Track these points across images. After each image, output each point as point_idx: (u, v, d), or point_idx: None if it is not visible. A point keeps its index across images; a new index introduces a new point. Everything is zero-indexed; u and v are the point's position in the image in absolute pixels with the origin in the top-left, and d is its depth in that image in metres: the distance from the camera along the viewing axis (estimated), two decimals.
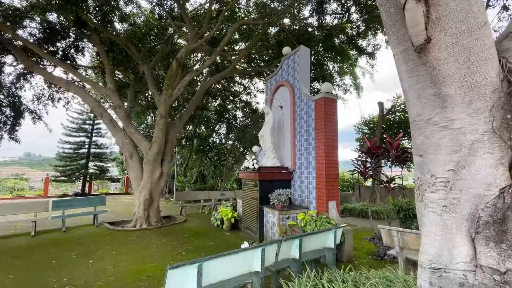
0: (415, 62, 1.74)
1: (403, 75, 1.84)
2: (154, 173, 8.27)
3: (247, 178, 7.01)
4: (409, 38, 1.73)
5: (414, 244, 3.78)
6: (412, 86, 1.79)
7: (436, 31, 1.58)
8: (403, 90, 1.92)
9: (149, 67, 10.35)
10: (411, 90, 1.81)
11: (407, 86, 1.83)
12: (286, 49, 7.65)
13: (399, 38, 1.80)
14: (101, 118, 9.12)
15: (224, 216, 7.39)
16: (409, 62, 1.78)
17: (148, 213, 8.00)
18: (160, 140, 8.42)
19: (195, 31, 9.80)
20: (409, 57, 1.77)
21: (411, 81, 1.79)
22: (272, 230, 6.02)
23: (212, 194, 10.87)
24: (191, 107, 10.21)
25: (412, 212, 4.69)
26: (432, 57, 1.62)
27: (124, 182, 21.70)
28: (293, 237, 3.31)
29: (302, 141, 6.52)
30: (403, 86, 1.88)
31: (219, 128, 18.78)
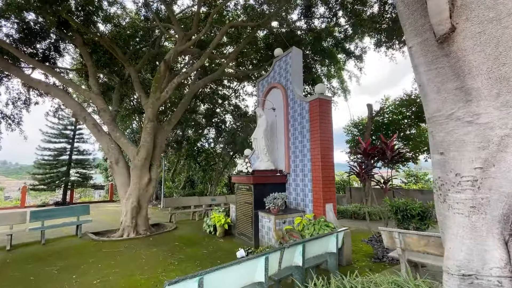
0: (435, 54, 1.63)
1: (421, 68, 1.74)
2: (142, 179, 7.90)
3: (241, 182, 6.81)
4: (429, 28, 1.63)
5: (416, 245, 3.71)
6: (431, 79, 1.68)
7: (461, 19, 1.49)
8: (420, 84, 1.81)
9: (136, 69, 10.00)
10: (429, 84, 1.70)
11: (425, 80, 1.72)
12: (277, 50, 7.57)
13: (417, 28, 1.70)
14: (85, 122, 8.66)
15: (217, 222, 7.13)
16: (428, 54, 1.67)
17: (136, 222, 7.61)
18: (148, 145, 8.07)
19: (183, 32, 9.56)
20: (428, 49, 1.67)
21: (430, 75, 1.68)
22: (268, 235, 5.83)
23: (202, 199, 10.56)
24: (180, 111, 9.91)
25: (410, 213, 4.66)
26: (456, 47, 1.52)
27: (109, 189, 20.87)
28: (296, 243, 3.15)
29: (297, 143, 6.41)
30: (420, 80, 1.77)
31: (208, 132, 18.47)
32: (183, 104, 10.02)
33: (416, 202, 4.85)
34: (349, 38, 12.40)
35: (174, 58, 9.76)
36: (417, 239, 3.68)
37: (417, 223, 4.69)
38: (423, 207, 4.66)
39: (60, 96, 8.79)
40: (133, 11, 12.52)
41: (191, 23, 11.22)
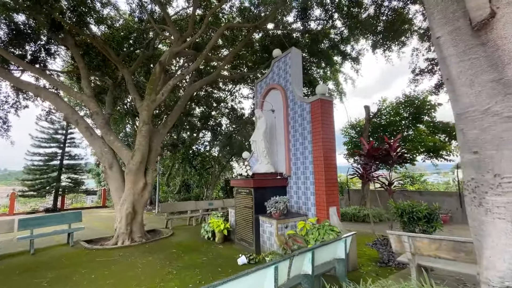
0: (468, 44, 1.49)
1: (450, 60, 1.59)
2: (137, 184, 7.63)
3: (240, 186, 6.61)
4: (463, 14, 1.49)
5: (427, 249, 3.58)
6: (463, 72, 1.54)
7: (502, 3, 1.35)
8: (447, 78, 1.67)
9: (130, 71, 9.76)
10: (461, 77, 1.56)
11: (455, 73, 1.58)
12: (276, 51, 7.45)
13: (447, 16, 1.56)
14: (77, 126, 8.36)
15: (215, 227, 6.90)
16: (460, 44, 1.53)
17: (131, 228, 7.31)
18: (143, 148, 7.82)
19: (179, 34, 9.38)
20: (460, 38, 1.52)
21: (462, 66, 1.54)
22: (269, 241, 5.64)
23: (199, 204, 10.29)
24: (176, 113, 9.69)
25: (416, 215, 4.54)
26: (495, 35, 1.38)
27: (101, 195, 20.37)
28: (305, 250, 2.98)
29: (297, 145, 6.27)
30: (449, 73, 1.62)
31: (203, 135, 18.22)
32: (179, 107, 9.80)
33: (421, 204, 4.74)
34: (345, 40, 12.39)
35: (169, 59, 9.57)
36: (428, 243, 3.55)
37: (424, 225, 4.57)
38: (429, 209, 4.55)
39: (51, 99, 8.48)
40: (127, 12, 12.30)
41: (186, 25, 11.09)
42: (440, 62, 1.70)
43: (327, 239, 4.56)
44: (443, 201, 9.73)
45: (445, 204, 9.30)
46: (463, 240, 3.24)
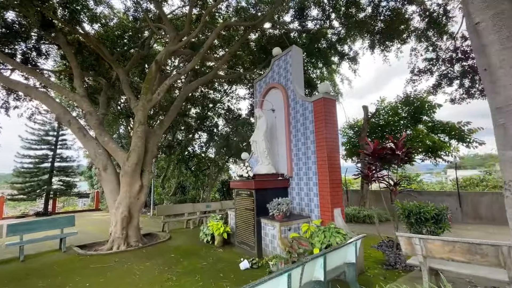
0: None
1: (492, 47, 1.45)
2: (133, 186, 7.37)
3: (240, 188, 6.43)
4: None
5: (439, 252, 3.45)
6: (507, 60, 1.41)
7: None
8: (486, 68, 1.52)
9: (124, 70, 9.49)
10: (504, 65, 1.41)
11: (497, 62, 1.44)
12: (276, 49, 7.30)
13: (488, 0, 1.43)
14: (69, 127, 8.06)
15: (215, 230, 6.69)
16: (504, 29, 1.39)
17: (126, 232, 7.04)
18: (139, 149, 7.57)
19: (175, 32, 9.17)
20: (504, 23, 1.39)
21: (505, 54, 1.40)
22: (272, 244, 5.46)
23: (196, 206, 10.05)
24: (173, 113, 9.45)
25: (423, 216, 4.44)
26: None
27: (94, 197, 19.90)
28: (317, 255, 2.82)
29: (299, 145, 6.12)
30: (489, 62, 1.48)
31: (199, 136, 17.95)
32: (175, 107, 9.57)
33: (427, 205, 4.63)
34: (342, 40, 12.34)
35: (166, 58, 9.32)
36: (441, 245, 3.43)
37: (431, 226, 4.46)
38: (437, 210, 4.45)
39: (42, 99, 8.16)
40: (121, 11, 12.01)
41: (182, 25, 10.89)
42: (477, 52, 1.56)
43: (333, 242, 4.42)
44: (443, 201, 9.71)
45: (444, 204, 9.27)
46: (478, 242, 3.13)
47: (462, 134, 8.41)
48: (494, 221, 8.61)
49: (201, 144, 17.40)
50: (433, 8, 10.56)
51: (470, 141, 8.40)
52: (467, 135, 8.38)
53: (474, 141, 8.41)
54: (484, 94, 9.63)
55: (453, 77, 9.73)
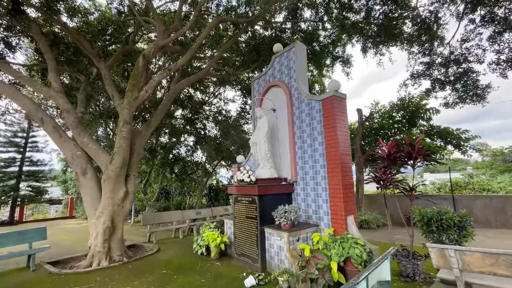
0: None
1: None
2: (117, 192, 6.55)
3: (241, 194, 5.86)
4: None
5: (478, 265, 3.11)
6: None
7: None
8: None
9: (107, 66, 8.66)
10: None
11: None
12: (277, 46, 6.88)
13: None
14: (42, 125, 7.10)
15: (211, 241, 6.04)
16: None
17: (109, 246, 6.21)
18: (124, 151, 6.78)
19: (164, 26, 8.50)
20: None
21: None
22: (278, 256, 4.94)
23: (186, 213, 9.29)
24: (161, 113, 8.72)
25: (445, 223, 4.13)
26: None
27: (68, 204, 18.35)
28: (360, 279, 2.33)
29: (305, 147, 5.68)
30: None
31: (184, 139, 17.11)
32: (164, 106, 8.85)
33: (448, 211, 4.35)
34: (336, 42, 12.22)
35: (154, 53, 8.60)
36: (481, 258, 3.08)
37: (453, 234, 4.16)
38: (459, 217, 4.16)
39: (10, 94, 7.16)
40: (103, 3, 11.14)
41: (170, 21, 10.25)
42: None
43: (352, 254, 3.98)
44: (439, 205, 9.68)
45: None
46: None
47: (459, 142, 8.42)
48: (490, 224, 8.65)
49: (188, 147, 16.55)
50: (424, 15, 10.68)
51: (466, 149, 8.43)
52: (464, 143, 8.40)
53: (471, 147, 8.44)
54: (475, 99, 9.80)
55: (446, 81, 9.82)
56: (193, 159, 16.91)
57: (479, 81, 9.26)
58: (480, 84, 9.24)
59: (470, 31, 9.29)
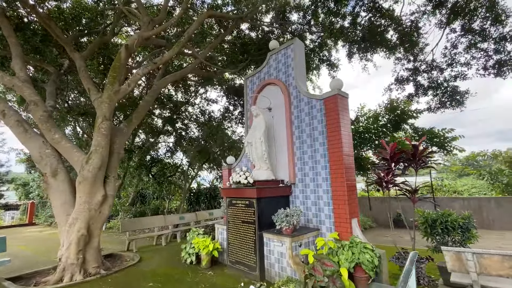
0: None
1: None
2: (94, 196, 5.83)
3: (236, 197, 5.47)
4: None
5: (497, 268, 3.04)
6: None
7: None
8: None
9: (82, 56, 7.88)
10: None
11: None
12: (273, 43, 6.64)
13: None
14: (3, 119, 6.19)
15: (202, 248, 5.56)
16: None
17: (84, 256, 5.47)
18: (102, 150, 6.08)
19: (149, 17, 7.93)
20: None
21: None
22: (279, 263, 4.62)
23: (169, 219, 8.63)
24: (143, 110, 8.08)
25: (450, 225, 4.11)
26: None
27: (27, 210, 16.54)
28: None
29: (305, 148, 5.46)
30: None
31: (164, 140, 16.25)
32: (147, 102, 8.21)
33: (452, 213, 4.34)
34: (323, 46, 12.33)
35: (138, 44, 7.93)
36: (500, 260, 3.01)
37: (458, 236, 4.14)
38: (463, 219, 4.15)
39: None
40: None
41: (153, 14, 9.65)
42: None
43: (363, 260, 3.78)
44: (418, 206, 10.01)
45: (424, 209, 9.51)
46: None
47: (444, 141, 8.74)
48: None
49: (168, 148, 15.70)
50: (406, 24, 11.12)
51: (451, 148, 8.78)
52: (449, 142, 8.75)
53: (455, 148, 8.80)
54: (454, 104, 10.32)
55: (429, 87, 10.26)
56: (173, 161, 16.08)
57: (458, 87, 9.77)
58: (459, 90, 9.75)
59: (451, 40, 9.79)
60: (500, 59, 8.93)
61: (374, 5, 10.98)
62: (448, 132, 8.75)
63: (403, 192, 4.75)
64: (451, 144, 8.69)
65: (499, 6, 9.40)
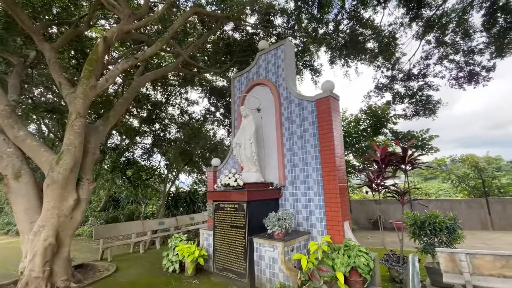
0: None
1: None
2: (65, 200, 5.26)
3: (225, 200, 5.21)
4: None
5: (489, 268, 3.11)
6: None
7: None
8: None
9: (53, 47, 7.24)
10: None
11: None
12: (263, 43, 6.52)
13: None
14: None
15: (186, 256, 5.21)
16: None
17: (51, 268, 4.87)
18: (75, 150, 5.53)
19: (130, 10, 7.49)
20: None
21: None
22: (270, 269, 4.43)
23: (147, 224, 8.08)
24: (122, 107, 7.55)
25: (438, 226, 4.21)
26: None
27: None
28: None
29: (295, 150, 5.36)
30: None
31: (141, 140, 15.44)
32: (125, 100, 7.70)
33: (438, 214, 4.46)
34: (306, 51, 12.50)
35: (117, 38, 7.42)
36: (492, 260, 3.09)
37: (444, 236, 4.25)
38: (450, 220, 4.27)
39: None
40: None
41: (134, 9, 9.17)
42: None
43: (359, 264, 3.72)
44: (396, 208, 10.39)
45: (399, 212, 9.85)
46: None
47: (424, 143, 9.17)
48: None
49: (144, 150, 14.93)
50: (384, 34, 11.62)
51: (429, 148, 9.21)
52: (427, 142, 9.18)
53: (432, 148, 9.25)
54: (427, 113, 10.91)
55: (405, 95, 10.76)
56: (150, 163, 15.31)
57: (432, 97, 10.35)
58: (432, 100, 10.32)
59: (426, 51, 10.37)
60: (470, 70, 9.59)
61: (355, 14, 11.35)
62: (425, 133, 9.21)
63: (392, 195, 4.81)
64: (430, 145, 9.13)
65: (467, 23, 10.18)
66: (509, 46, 9.61)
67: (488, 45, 9.97)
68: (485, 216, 9.31)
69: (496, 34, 9.66)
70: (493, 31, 9.70)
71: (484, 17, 9.78)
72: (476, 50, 10.11)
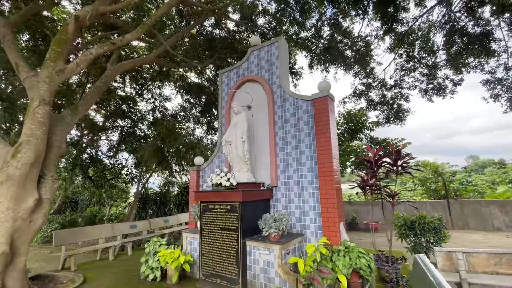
0: None
1: None
2: (23, 200, 4.46)
3: (215, 201, 4.86)
4: None
5: (483, 265, 3.27)
6: None
7: None
8: None
9: (9, 23, 6.28)
10: None
11: None
12: (255, 39, 6.32)
13: None
14: None
15: (169, 262, 4.74)
16: None
17: (3, 282, 4.07)
18: (37, 142, 4.75)
19: None
20: None
21: None
22: (265, 274, 4.20)
23: (117, 228, 7.28)
24: (93, 97, 6.77)
25: (427, 227, 4.37)
26: None
27: None
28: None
29: (289, 149, 5.23)
30: None
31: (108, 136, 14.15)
32: (98, 88, 6.91)
33: (426, 215, 4.65)
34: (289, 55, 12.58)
35: (91, 18, 6.63)
36: (486, 258, 3.25)
37: (432, 237, 4.44)
38: (436, 221, 4.47)
39: None
40: None
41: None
42: None
43: (361, 265, 3.67)
44: (369, 210, 10.85)
45: (375, 213, 10.31)
46: None
47: None
48: None
49: (111, 146, 13.69)
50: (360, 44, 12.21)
51: None
52: None
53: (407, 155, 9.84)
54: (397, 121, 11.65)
55: (378, 103, 11.37)
56: (116, 162, 14.07)
57: (402, 105, 11.07)
58: (402, 109, 11.05)
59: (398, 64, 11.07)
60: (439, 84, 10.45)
61: (335, 22, 11.74)
62: (400, 142, 9.79)
63: (383, 196, 4.91)
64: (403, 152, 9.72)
65: (431, 41, 11.12)
66: (465, 65, 10.66)
67: (447, 62, 10.99)
68: (447, 216, 10.16)
69: (454, 54, 10.66)
70: (452, 50, 10.70)
71: (445, 37, 10.76)
72: (439, 66, 11.08)
